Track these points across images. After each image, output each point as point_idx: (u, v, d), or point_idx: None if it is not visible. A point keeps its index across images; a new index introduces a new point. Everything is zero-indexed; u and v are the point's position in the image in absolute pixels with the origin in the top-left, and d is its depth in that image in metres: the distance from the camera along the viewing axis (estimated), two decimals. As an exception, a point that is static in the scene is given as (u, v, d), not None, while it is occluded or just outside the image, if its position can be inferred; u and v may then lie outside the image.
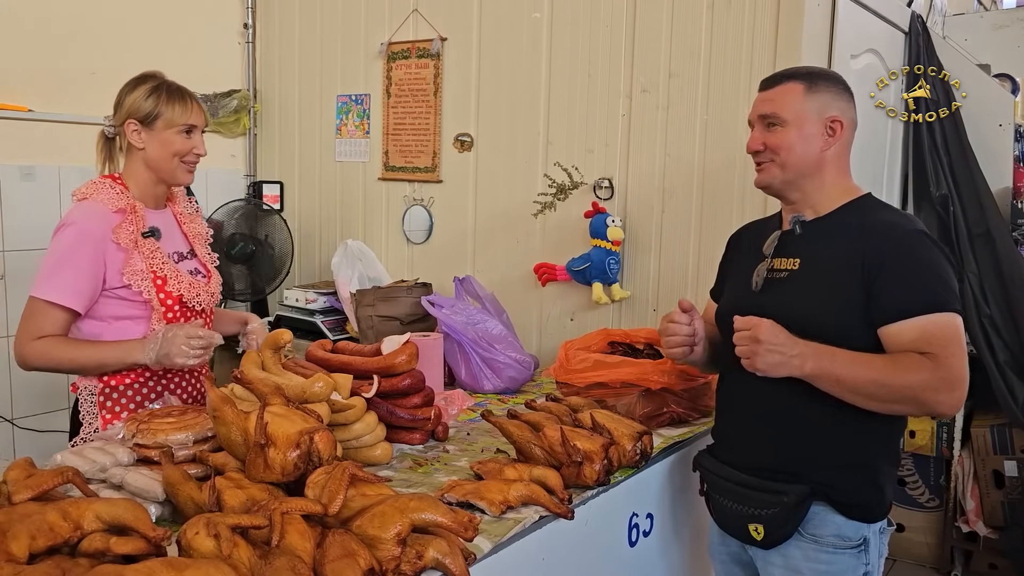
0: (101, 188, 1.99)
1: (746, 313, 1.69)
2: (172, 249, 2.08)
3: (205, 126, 2.09)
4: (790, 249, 1.72)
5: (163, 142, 2.00)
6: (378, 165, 3.36)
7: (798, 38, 2.38)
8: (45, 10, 2.99)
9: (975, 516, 3.26)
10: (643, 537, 1.91)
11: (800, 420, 1.65)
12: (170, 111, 1.99)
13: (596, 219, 2.69)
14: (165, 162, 2.02)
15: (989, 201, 3.08)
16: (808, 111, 1.68)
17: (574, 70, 2.81)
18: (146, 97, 2.00)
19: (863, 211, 1.68)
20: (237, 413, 1.48)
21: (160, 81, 2.05)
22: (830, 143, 1.68)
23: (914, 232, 1.62)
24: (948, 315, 1.55)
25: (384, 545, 1.24)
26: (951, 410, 1.60)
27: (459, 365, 2.52)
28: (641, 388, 2.12)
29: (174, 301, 2.00)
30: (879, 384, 1.55)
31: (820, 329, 1.60)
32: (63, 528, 1.17)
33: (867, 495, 1.66)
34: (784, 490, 1.65)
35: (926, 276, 1.57)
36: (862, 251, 1.60)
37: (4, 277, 2.91)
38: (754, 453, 1.73)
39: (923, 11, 3.38)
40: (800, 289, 1.67)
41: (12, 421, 2.96)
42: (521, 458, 1.76)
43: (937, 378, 1.52)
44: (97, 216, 1.94)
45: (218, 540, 1.15)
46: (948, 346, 1.54)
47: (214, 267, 2.19)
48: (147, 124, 2.00)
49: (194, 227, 2.18)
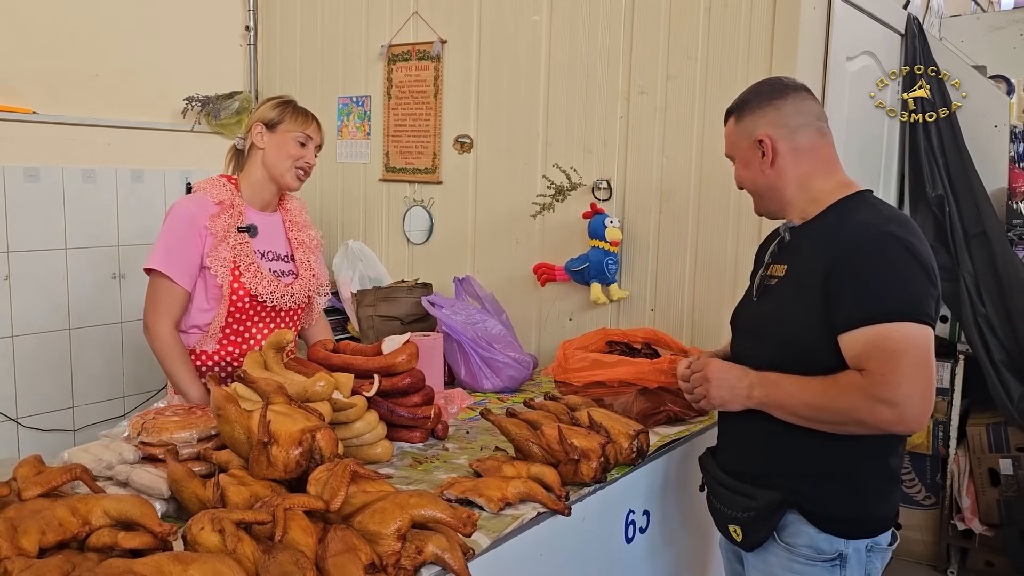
0: (212, 183, 2.23)
1: (748, 319, 1.77)
2: (268, 248, 2.24)
3: (320, 144, 2.33)
4: (783, 255, 1.71)
5: (281, 144, 2.23)
6: (379, 166, 3.39)
7: (794, 41, 2.40)
8: (49, 13, 3.02)
9: (971, 514, 3.28)
10: (640, 534, 1.94)
11: (774, 427, 1.61)
12: (292, 120, 2.25)
13: (594, 220, 2.71)
14: (279, 163, 2.24)
15: (985, 202, 3.10)
16: (740, 140, 1.73)
17: (573, 72, 2.83)
18: (274, 108, 2.27)
19: (843, 213, 1.63)
20: (240, 412, 1.50)
21: (292, 100, 2.32)
22: (767, 162, 1.67)
23: (881, 235, 1.52)
24: (899, 325, 1.46)
25: (385, 540, 1.27)
26: (902, 428, 1.49)
27: (459, 364, 2.55)
28: (638, 387, 2.15)
29: (245, 293, 2.15)
30: (816, 408, 1.52)
31: (793, 339, 1.59)
32: (72, 523, 1.20)
33: (844, 509, 1.60)
34: (754, 495, 1.65)
35: (880, 282, 1.48)
36: (828, 256, 1.55)
37: (8, 278, 2.93)
38: (736, 456, 1.75)
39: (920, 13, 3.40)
40: (782, 297, 1.66)
41: (17, 420, 2.99)
42: (519, 456, 1.78)
43: (869, 397, 1.45)
44: (198, 203, 2.18)
45: (223, 535, 1.17)
46: (890, 361, 1.44)
47: (311, 274, 2.32)
48: (271, 128, 2.24)
49: (300, 235, 2.35)
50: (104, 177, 3.17)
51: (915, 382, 1.45)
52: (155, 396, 3.25)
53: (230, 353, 2.19)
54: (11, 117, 2.91)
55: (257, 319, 2.20)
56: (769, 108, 1.69)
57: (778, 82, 1.74)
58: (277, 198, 2.33)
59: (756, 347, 1.69)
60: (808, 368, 1.56)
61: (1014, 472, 3.21)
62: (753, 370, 1.64)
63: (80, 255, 3.12)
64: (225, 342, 2.19)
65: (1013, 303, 3.04)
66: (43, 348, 3.05)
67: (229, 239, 2.15)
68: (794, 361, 1.58)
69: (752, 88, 1.77)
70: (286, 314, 2.26)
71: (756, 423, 1.64)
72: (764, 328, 1.68)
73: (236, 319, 2.17)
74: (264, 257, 2.23)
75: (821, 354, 1.54)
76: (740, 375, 1.64)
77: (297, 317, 2.32)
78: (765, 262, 1.74)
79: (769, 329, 1.66)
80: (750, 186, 1.75)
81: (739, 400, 1.64)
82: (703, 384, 1.69)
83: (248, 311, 2.17)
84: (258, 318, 2.20)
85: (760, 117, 1.69)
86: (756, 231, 2.49)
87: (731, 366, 1.68)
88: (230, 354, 2.19)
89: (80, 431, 3.14)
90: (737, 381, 1.64)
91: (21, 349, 2.98)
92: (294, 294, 2.24)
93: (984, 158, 3.15)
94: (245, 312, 2.17)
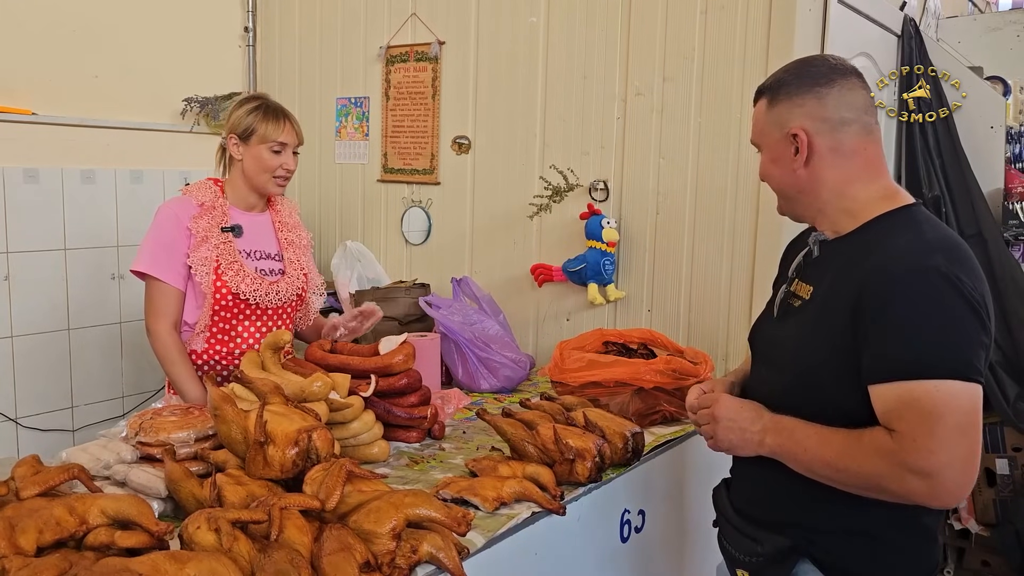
0: (198, 186, 2.26)
1: (766, 342, 1.58)
2: (255, 247, 2.26)
3: (298, 145, 2.28)
4: (809, 273, 1.49)
5: (256, 157, 2.22)
6: (377, 167, 3.40)
7: (790, 42, 2.41)
8: (48, 14, 3.03)
9: (967, 514, 3.29)
10: (635, 533, 1.95)
11: (787, 471, 1.41)
12: (264, 128, 2.21)
13: (591, 221, 2.72)
14: (257, 175, 2.24)
15: (981, 202, 3.11)
16: (770, 130, 1.47)
17: (570, 74, 2.84)
18: (246, 115, 2.23)
19: (882, 232, 1.37)
20: (237, 412, 1.51)
21: (262, 102, 2.26)
22: (800, 161, 1.42)
23: (921, 269, 1.27)
24: (939, 384, 1.23)
25: (380, 539, 1.28)
26: (936, 503, 1.28)
27: (456, 365, 2.56)
28: (634, 387, 2.15)
29: (228, 291, 2.16)
30: (834, 468, 1.32)
31: (812, 376, 1.39)
32: (69, 522, 1.21)
33: (861, 564, 1.41)
34: (761, 539, 1.48)
35: (917, 329, 1.25)
36: (857, 288, 1.32)
37: (8, 278, 2.94)
38: (746, 495, 1.57)
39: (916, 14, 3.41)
40: (804, 324, 1.44)
41: (16, 420, 3.00)
42: (515, 456, 1.79)
43: (898, 465, 1.25)
44: (181, 204, 2.21)
45: (219, 534, 1.18)
46: (925, 424, 1.23)
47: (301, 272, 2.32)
48: (244, 139, 2.23)
49: (290, 235, 2.36)
50: (103, 178, 3.18)
51: (953, 450, 1.23)
52: (154, 396, 3.26)
53: (218, 352, 2.21)
54: (10, 118, 2.92)
55: (243, 317, 2.21)
56: (809, 96, 1.42)
57: (824, 64, 1.46)
58: (265, 199, 2.34)
59: (773, 376, 1.51)
60: (823, 409, 1.37)
61: (1010, 472, 3.21)
62: (768, 411, 1.44)
63: (79, 256, 3.13)
64: (213, 340, 2.20)
65: (1009, 304, 3.05)
66: (42, 348, 3.06)
67: (211, 239, 2.17)
68: (810, 399, 1.39)
69: (792, 67, 1.49)
70: (274, 312, 2.26)
71: (767, 461, 1.45)
72: (783, 356, 1.49)
73: (222, 317, 2.19)
74: (251, 256, 2.24)
75: (842, 395, 1.35)
76: (752, 418, 1.44)
77: (287, 316, 2.32)
78: (789, 277, 1.53)
79: (788, 358, 1.46)
80: (776, 185, 1.50)
81: (750, 447, 1.44)
82: (711, 423, 1.49)
83: (232, 309, 2.18)
84: (243, 316, 2.21)
85: (797, 106, 1.43)
86: (752, 232, 2.50)
87: (743, 405, 1.47)
88: (218, 352, 2.21)
89: (79, 431, 3.15)
90: (749, 424, 1.44)
91: (20, 349, 2.99)
92: (279, 292, 2.24)
93: (980, 159, 3.15)
94: (229, 310, 2.18)
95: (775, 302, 1.55)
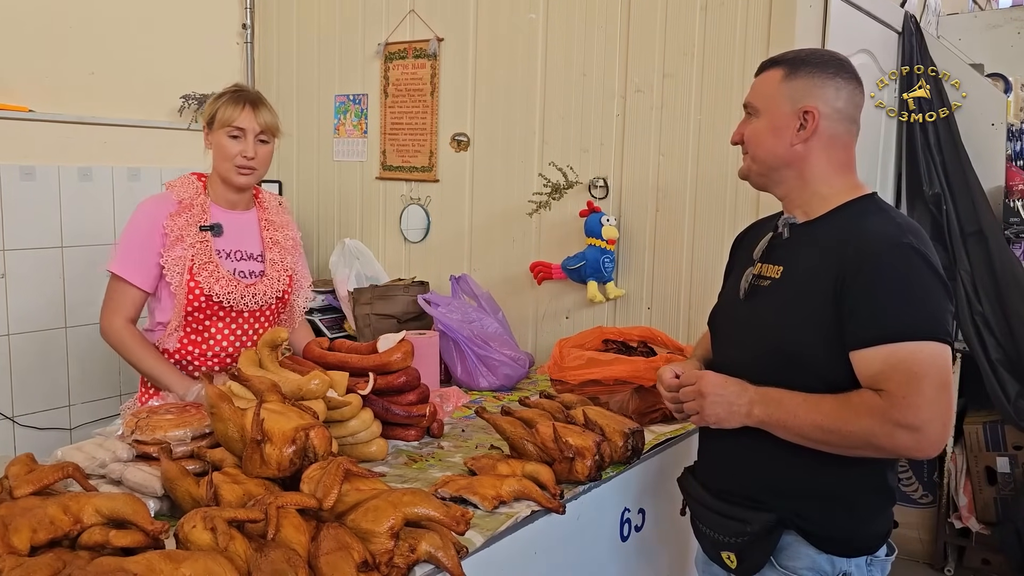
0: (181, 181, 2.19)
1: (731, 319, 1.65)
2: (236, 247, 2.19)
3: (262, 132, 2.14)
4: (777, 254, 1.58)
5: (218, 144, 2.15)
6: (376, 165, 3.39)
7: (790, 39, 2.40)
8: (45, 11, 3.01)
9: (968, 512, 3.28)
10: (635, 532, 1.94)
11: (767, 445, 1.50)
12: (223, 112, 2.12)
13: (591, 218, 2.71)
14: (221, 163, 2.16)
15: (982, 200, 3.10)
16: (780, 100, 1.53)
17: (569, 70, 2.83)
18: (212, 103, 2.17)
19: (853, 216, 1.50)
20: (234, 410, 1.50)
21: (229, 90, 2.17)
22: (802, 137, 1.51)
23: (898, 245, 1.42)
24: (921, 344, 1.37)
25: (378, 539, 1.27)
26: (920, 454, 1.40)
27: (455, 363, 2.55)
28: (634, 385, 2.14)
29: (201, 292, 2.10)
30: (826, 430, 1.41)
31: (792, 349, 1.48)
32: (64, 522, 1.20)
33: (842, 528, 1.51)
34: (749, 518, 1.53)
35: (900, 298, 1.39)
36: (838, 264, 1.43)
37: (4, 276, 2.93)
38: (724, 476, 1.62)
39: (917, 11, 3.40)
40: (777, 301, 1.53)
41: (13, 419, 2.99)
42: (514, 454, 1.78)
43: (888, 422, 1.35)
44: (160, 202, 2.14)
45: (215, 533, 1.17)
46: (911, 382, 1.35)
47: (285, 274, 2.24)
48: (210, 126, 2.16)
49: (277, 234, 2.27)
50: (100, 175, 3.16)
51: (936, 405, 1.36)
52: (152, 395, 3.25)
53: (190, 352, 2.16)
54: (7, 115, 2.90)
55: (216, 319, 2.14)
56: (830, 84, 1.52)
57: (846, 62, 1.56)
58: (248, 196, 2.25)
59: (743, 355, 1.58)
60: (803, 381, 1.46)
61: (1011, 470, 3.21)
62: (751, 385, 1.51)
63: (76, 253, 3.11)
64: (185, 340, 2.15)
65: (1009, 301, 3.04)
66: (39, 346, 3.04)
67: (187, 238, 2.10)
68: (788, 373, 1.48)
69: (813, 52, 1.59)
70: (251, 315, 2.19)
71: (746, 440, 1.52)
72: (755, 335, 1.56)
73: (195, 318, 2.13)
74: (230, 257, 2.17)
75: (821, 367, 1.45)
76: (738, 391, 1.51)
77: (264, 318, 2.24)
78: (754, 259, 1.60)
79: (760, 336, 1.54)
80: (766, 152, 1.56)
81: (737, 418, 1.50)
82: (696, 399, 1.55)
83: (206, 310, 2.12)
84: (216, 318, 2.14)
85: (817, 87, 1.51)
86: (752, 229, 2.49)
87: (727, 380, 1.53)
88: (190, 353, 2.16)
89: (77, 429, 3.13)
90: (736, 398, 1.50)
91: (17, 347, 2.98)
92: (255, 295, 2.17)
93: (981, 156, 3.15)
94: (203, 311, 2.12)
95: (740, 285, 1.61)
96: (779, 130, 1.54)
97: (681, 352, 2.31)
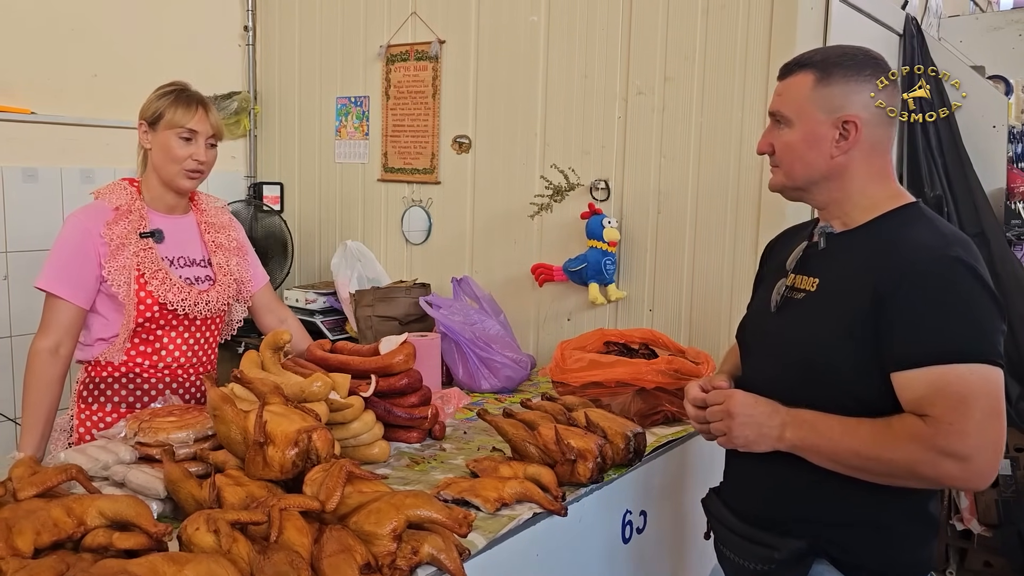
0: (111, 188, 2.08)
1: (762, 335, 1.56)
2: (179, 253, 2.10)
3: (212, 135, 2.07)
4: (813, 265, 1.48)
5: (164, 144, 2.03)
6: (377, 166, 3.39)
7: (792, 41, 2.40)
8: (47, 13, 3.01)
9: (969, 514, 3.28)
10: (637, 534, 1.94)
11: (799, 469, 1.41)
12: (172, 112, 2.02)
13: (592, 220, 2.71)
14: (166, 166, 2.05)
15: (983, 202, 3.10)
16: (814, 109, 1.43)
17: (571, 73, 2.83)
18: (156, 100, 2.05)
19: (895, 226, 1.40)
20: (237, 412, 1.50)
21: (177, 87, 2.07)
22: (844, 148, 1.42)
23: (944, 259, 1.31)
24: (971, 367, 1.26)
25: (380, 541, 1.27)
26: (968, 485, 1.32)
27: (457, 365, 2.55)
28: (636, 387, 2.15)
29: (153, 301, 2.01)
30: (864, 457, 1.32)
31: (825, 366, 1.38)
32: (67, 524, 1.20)
33: (879, 558, 1.41)
34: (777, 544, 1.44)
35: (946, 315, 1.28)
36: (877, 277, 1.33)
37: (7, 278, 2.93)
38: (751, 499, 1.53)
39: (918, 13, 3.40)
40: (813, 315, 1.44)
41: (15, 420, 2.99)
42: (516, 456, 1.78)
43: (933, 449, 1.26)
44: (92, 212, 2.02)
45: (218, 535, 1.17)
46: (959, 408, 1.25)
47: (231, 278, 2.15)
48: (152, 125, 2.05)
49: (218, 236, 2.17)
50: (102, 177, 3.15)
51: (987, 433, 1.25)
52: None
53: (139, 364, 2.05)
54: (9, 117, 2.91)
55: (169, 328, 2.05)
56: (867, 85, 1.41)
57: (880, 59, 1.46)
58: (185, 199, 2.15)
59: (775, 371, 1.49)
60: (836, 400, 1.37)
61: (1012, 473, 3.20)
62: (783, 406, 1.41)
63: (78, 255, 3.11)
64: (133, 352, 2.05)
65: (1012, 304, 3.03)
66: (41, 348, 3.04)
67: (129, 246, 1.99)
68: (820, 391, 1.39)
69: (844, 52, 1.46)
70: (203, 323, 2.11)
71: (776, 463, 1.43)
72: (788, 350, 1.47)
73: (145, 329, 2.02)
74: (174, 264, 2.07)
75: (855, 386, 1.36)
76: (769, 412, 1.41)
77: (215, 326, 2.16)
78: (787, 270, 1.51)
79: (794, 351, 1.45)
80: (799, 166, 1.45)
81: (768, 442, 1.41)
82: (724, 419, 1.45)
83: (158, 320, 2.02)
84: (170, 327, 2.05)
85: (855, 92, 1.41)
86: (754, 231, 2.49)
87: (757, 400, 1.44)
88: (139, 365, 2.05)
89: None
90: (766, 419, 1.41)
91: (20, 349, 2.98)
92: (209, 301, 2.08)
93: (982, 158, 3.14)
94: (155, 321, 2.02)
95: (772, 297, 1.52)
96: (816, 142, 1.43)
97: (682, 354, 2.31)
